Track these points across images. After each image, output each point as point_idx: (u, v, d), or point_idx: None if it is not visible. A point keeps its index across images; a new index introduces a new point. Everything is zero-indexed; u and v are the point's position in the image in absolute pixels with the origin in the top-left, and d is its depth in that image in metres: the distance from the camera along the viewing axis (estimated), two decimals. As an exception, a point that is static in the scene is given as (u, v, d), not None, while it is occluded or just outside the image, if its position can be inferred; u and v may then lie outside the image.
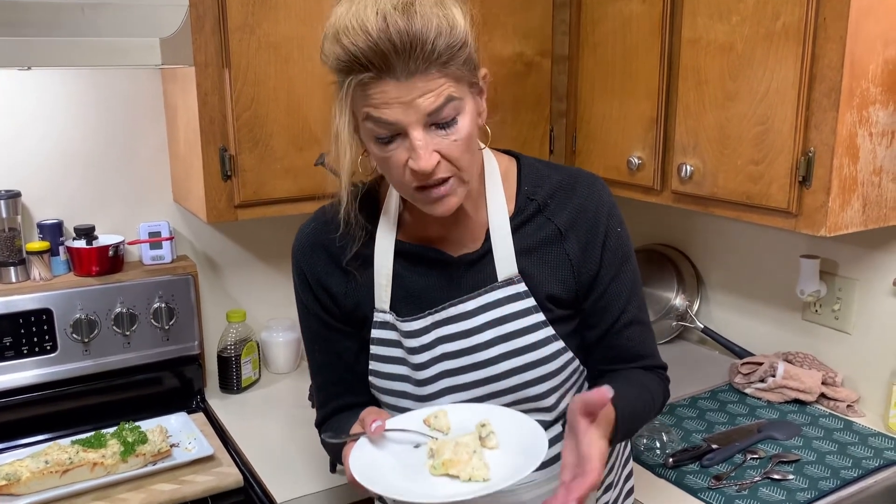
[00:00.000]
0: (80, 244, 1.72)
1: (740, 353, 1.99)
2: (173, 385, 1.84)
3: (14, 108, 1.70)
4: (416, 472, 0.96)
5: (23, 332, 1.65)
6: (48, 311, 1.67)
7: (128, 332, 1.75)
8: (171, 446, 1.55)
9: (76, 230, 1.74)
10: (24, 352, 1.66)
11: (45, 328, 1.67)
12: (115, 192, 1.84)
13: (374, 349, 1.15)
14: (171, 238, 1.83)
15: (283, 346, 1.99)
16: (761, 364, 1.84)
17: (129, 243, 1.81)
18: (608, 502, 1.26)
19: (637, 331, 1.16)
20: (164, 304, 1.77)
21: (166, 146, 1.87)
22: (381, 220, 1.14)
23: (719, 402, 1.80)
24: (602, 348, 1.16)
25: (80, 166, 1.79)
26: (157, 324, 1.77)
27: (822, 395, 1.76)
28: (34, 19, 1.27)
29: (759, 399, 1.80)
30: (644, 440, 1.58)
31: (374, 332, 1.15)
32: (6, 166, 1.71)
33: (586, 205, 1.13)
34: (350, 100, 0.97)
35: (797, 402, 1.78)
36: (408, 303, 1.14)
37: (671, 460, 1.51)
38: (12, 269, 1.68)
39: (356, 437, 1.01)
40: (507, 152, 1.20)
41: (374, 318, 1.15)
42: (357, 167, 1.05)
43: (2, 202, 1.65)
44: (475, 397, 1.11)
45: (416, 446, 1.00)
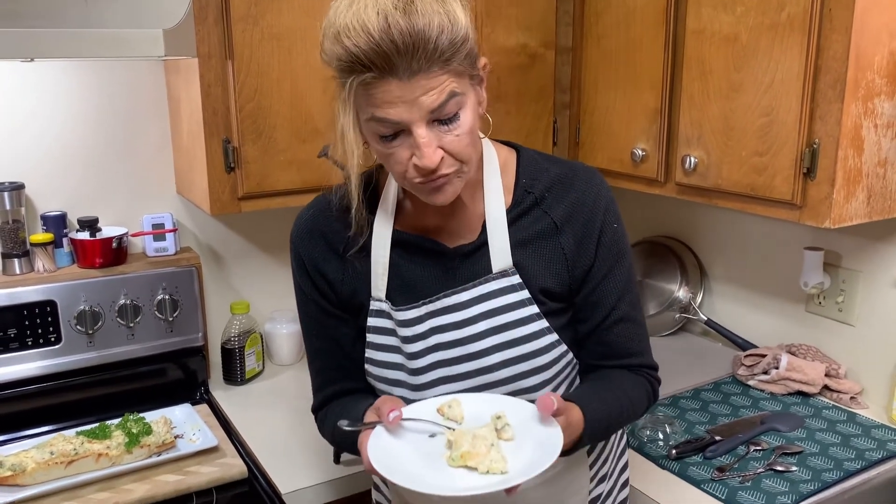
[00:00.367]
0: (84, 236, 1.72)
1: (743, 344, 1.99)
2: (177, 376, 1.84)
3: (17, 100, 1.70)
4: (433, 463, 0.96)
5: (27, 323, 1.65)
6: (52, 303, 1.67)
7: (132, 324, 1.75)
8: (176, 437, 1.56)
9: (80, 222, 1.74)
10: (29, 343, 1.66)
11: (50, 320, 1.67)
12: (118, 184, 1.84)
13: (370, 337, 1.16)
14: (174, 230, 1.83)
15: (286, 337, 2.00)
16: (764, 356, 1.84)
17: (133, 235, 1.81)
18: (601, 494, 1.26)
19: (627, 328, 1.16)
20: (167, 296, 1.78)
21: (169, 138, 1.87)
22: (380, 209, 1.15)
23: (722, 394, 1.80)
24: (592, 343, 1.16)
25: (84, 158, 1.79)
26: (160, 315, 1.78)
27: (826, 387, 1.77)
28: (37, 10, 1.27)
29: (762, 391, 1.80)
30: (647, 432, 1.58)
31: (370, 321, 1.16)
32: (10, 158, 1.71)
33: (583, 199, 1.13)
34: (353, 99, 0.97)
35: (800, 393, 1.78)
36: (403, 292, 1.14)
37: (674, 452, 1.51)
38: (16, 260, 1.69)
39: (372, 425, 1.01)
40: (508, 144, 1.19)
41: (371, 307, 1.15)
42: (363, 165, 1.06)
43: (5, 194, 1.65)
44: (468, 388, 1.12)
45: (432, 436, 1.00)
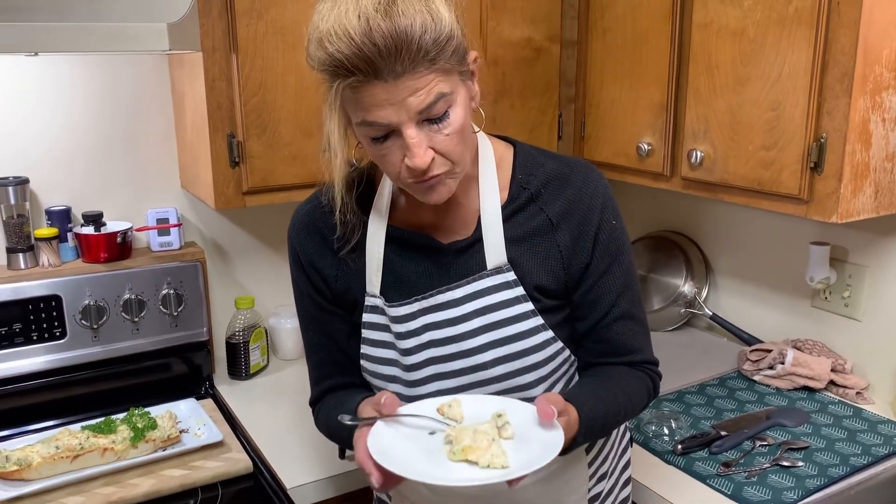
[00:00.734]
0: (89, 231, 1.72)
1: (749, 339, 1.99)
2: (182, 371, 1.84)
3: (21, 95, 1.70)
4: (433, 458, 0.96)
5: (32, 318, 1.66)
6: (57, 298, 1.67)
7: (136, 319, 1.75)
8: (181, 432, 1.56)
9: (84, 217, 1.74)
10: (34, 338, 1.66)
11: (55, 314, 1.67)
12: (122, 179, 1.84)
13: (365, 333, 1.16)
14: (179, 224, 1.83)
15: (291, 332, 2.00)
16: (770, 351, 1.83)
17: (138, 230, 1.81)
18: (602, 492, 1.26)
19: (627, 325, 1.15)
20: (172, 291, 1.78)
21: (174, 132, 1.87)
22: (374, 206, 1.15)
23: (728, 389, 1.80)
24: (591, 341, 1.15)
25: (88, 153, 1.79)
26: (165, 310, 1.78)
27: (832, 383, 1.76)
28: (41, 4, 1.27)
29: (767, 386, 1.80)
30: (652, 427, 1.58)
31: (365, 317, 1.15)
32: (14, 153, 1.71)
33: (580, 196, 1.12)
34: (339, 103, 0.96)
35: (806, 389, 1.77)
36: (397, 288, 1.14)
37: (680, 447, 1.51)
38: (21, 255, 1.69)
39: (371, 420, 1.01)
40: (505, 139, 1.18)
41: (365, 303, 1.15)
42: (348, 169, 1.05)
43: (10, 189, 1.65)
44: (462, 385, 1.11)
45: (432, 433, 1.00)
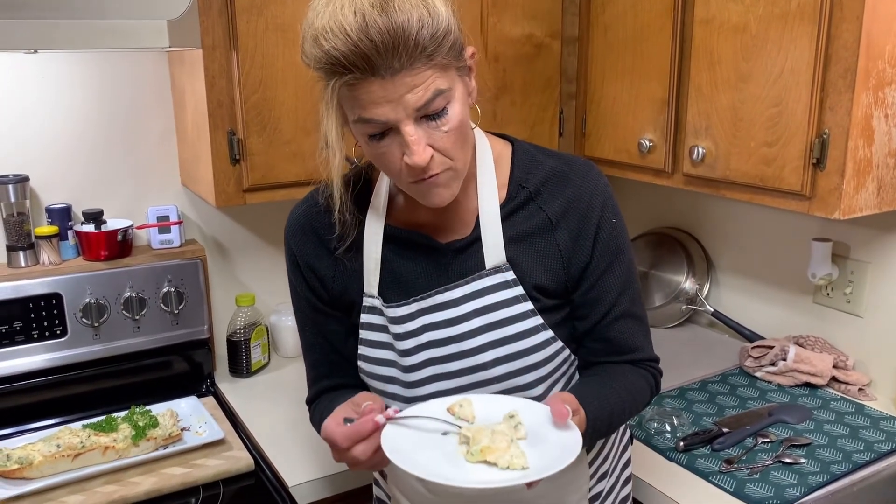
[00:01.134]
0: (89, 228, 1.72)
1: (751, 336, 1.98)
2: (183, 369, 1.84)
3: (21, 92, 1.70)
4: (451, 459, 0.94)
5: (32, 316, 1.65)
6: (58, 296, 1.67)
7: (137, 317, 1.75)
8: (182, 430, 1.56)
9: (84, 214, 1.74)
10: (35, 336, 1.66)
11: (55, 313, 1.67)
12: (123, 177, 1.83)
13: (363, 334, 1.15)
14: (179, 222, 1.83)
15: (292, 329, 1.99)
16: (772, 347, 1.83)
17: (138, 227, 1.81)
18: (603, 491, 1.25)
19: (628, 324, 1.14)
20: (173, 289, 1.77)
21: (174, 130, 1.86)
22: (372, 205, 1.14)
23: (730, 386, 1.79)
24: (592, 340, 1.14)
25: (88, 150, 1.79)
26: (166, 308, 1.78)
27: (834, 379, 1.76)
28: (40, 1, 1.26)
29: (769, 383, 1.80)
30: (654, 424, 1.58)
31: (363, 317, 1.15)
32: (14, 150, 1.71)
33: (579, 194, 1.11)
34: (336, 101, 0.95)
35: (808, 385, 1.77)
36: (395, 288, 1.13)
37: (682, 444, 1.51)
38: (21, 253, 1.68)
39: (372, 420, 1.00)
40: (503, 136, 1.18)
41: (363, 303, 1.14)
42: (346, 168, 1.04)
43: (10, 187, 1.65)
44: (461, 386, 1.10)
45: (444, 434, 0.99)
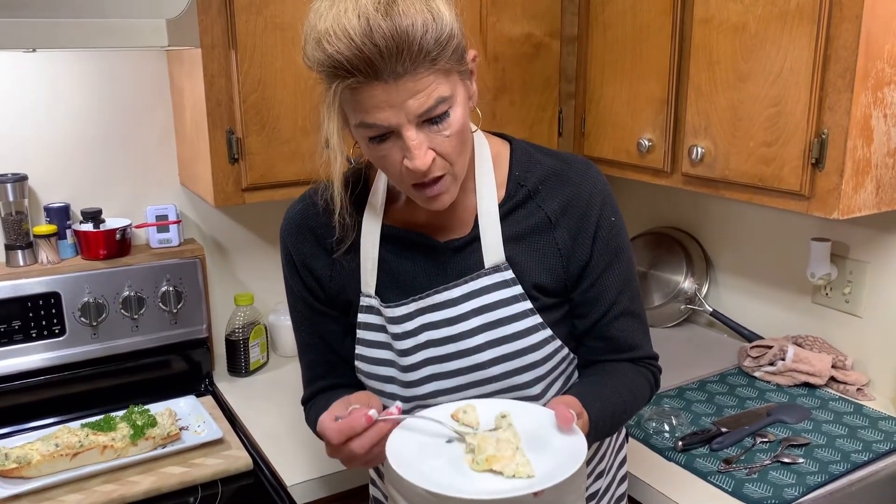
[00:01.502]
0: (88, 227, 1.71)
1: (749, 336, 1.98)
2: (182, 368, 1.84)
3: (19, 91, 1.69)
4: (457, 467, 0.94)
5: (31, 315, 1.65)
6: (56, 295, 1.67)
7: (136, 316, 1.75)
8: (181, 429, 1.56)
9: (83, 213, 1.74)
10: (33, 335, 1.66)
11: (54, 312, 1.67)
12: (121, 176, 1.83)
13: (360, 334, 1.15)
14: (178, 221, 1.83)
15: (290, 329, 1.93)
16: (771, 347, 1.83)
17: (137, 227, 1.81)
18: (600, 490, 1.26)
19: (628, 322, 1.14)
20: (171, 288, 1.77)
21: (173, 129, 1.86)
22: (369, 205, 1.13)
23: (728, 386, 1.79)
24: (592, 339, 1.14)
25: (87, 149, 1.78)
26: (165, 307, 1.77)
27: (832, 379, 1.76)
28: (39, 1, 1.26)
29: (768, 382, 1.80)
30: (653, 424, 1.58)
31: (360, 317, 1.14)
32: (12, 149, 1.71)
33: (578, 193, 1.11)
34: (338, 104, 0.95)
35: (807, 385, 1.77)
36: (393, 288, 1.13)
37: (680, 444, 1.51)
38: (20, 252, 1.68)
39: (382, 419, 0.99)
40: (501, 136, 1.18)
41: (360, 303, 1.14)
42: (347, 170, 1.04)
43: (9, 185, 1.64)
44: (460, 385, 1.10)
45: (449, 441, 0.98)
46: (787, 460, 1.46)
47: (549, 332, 1.10)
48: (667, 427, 1.57)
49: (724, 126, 1.55)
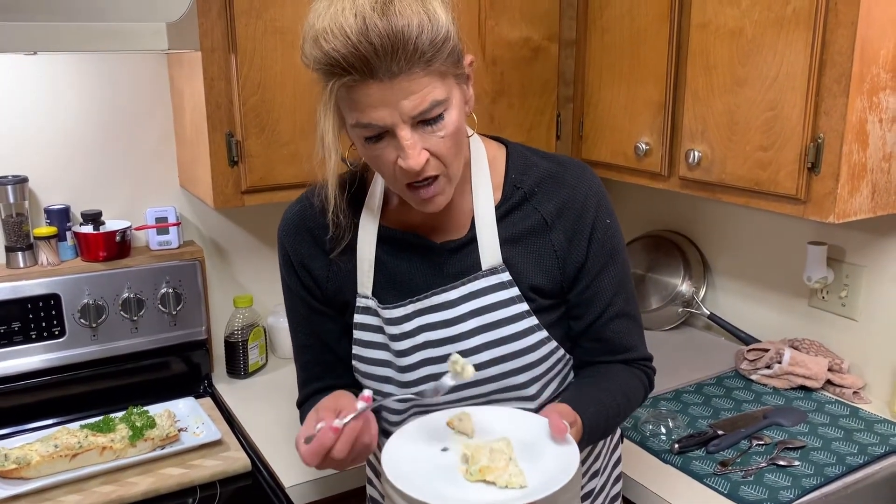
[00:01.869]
0: (88, 229, 1.72)
1: (746, 339, 1.99)
2: (181, 370, 1.85)
3: (20, 94, 1.70)
4: (450, 477, 0.95)
5: (31, 317, 1.66)
6: (56, 297, 1.67)
7: (135, 318, 1.75)
8: (180, 431, 1.56)
9: (83, 215, 1.74)
10: (33, 337, 1.67)
11: (53, 313, 1.68)
12: (121, 178, 1.84)
13: (357, 334, 1.16)
14: (177, 223, 1.83)
15: (289, 330, 1.99)
16: (767, 350, 1.84)
17: (136, 229, 1.81)
18: (594, 489, 1.26)
19: (623, 324, 1.15)
20: (171, 290, 1.78)
21: (173, 132, 1.87)
22: (366, 206, 1.14)
23: (725, 389, 1.80)
24: (587, 340, 1.15)
25: (87, 151, 1.79)
26: (164, 309, 1.78)
27: (829, 382, 1.76)
28: (40, 4, 1.27)
29: (764, 385, 1.80)
30: (650, 426, 1.58)
31: (357, 318, 1.15)
32: (13, 151, 1.71)
33: (574, 195, 1.11)
34: (334, 102, 0.96)
35: (803, 388, 1.78)
36: (390, 289, 1.13)
37: (677, 446, 1.52)
38: (20, 254, 1.69)
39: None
40: (497, 139, 1.18)
41: (357, 304, 1.15)
42: (341, 170, 1.05)
43: (9, 187, 1.65)
44: (457, 385, 1.10)
45: (444, 449, 0.99)
46: (783, 463, 1.47)
47: (545, 334, 1.11)
48: (663, 429, 1.58)
49: (721, 130, 1.56)
